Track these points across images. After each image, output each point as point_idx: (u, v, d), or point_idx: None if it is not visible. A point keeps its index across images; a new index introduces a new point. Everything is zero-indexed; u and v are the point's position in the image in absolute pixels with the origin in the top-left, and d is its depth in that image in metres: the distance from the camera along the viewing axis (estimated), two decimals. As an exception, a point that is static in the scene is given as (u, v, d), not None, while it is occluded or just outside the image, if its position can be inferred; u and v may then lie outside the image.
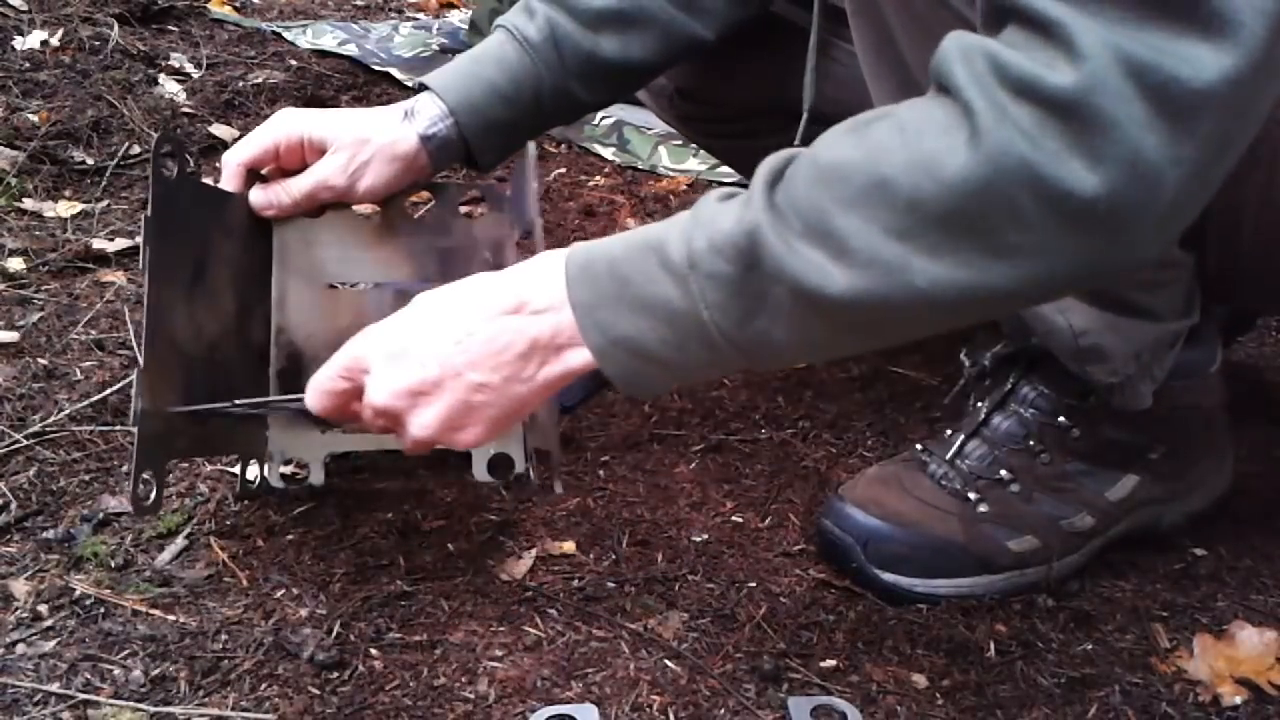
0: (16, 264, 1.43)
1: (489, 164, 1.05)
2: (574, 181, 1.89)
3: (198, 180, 0.95)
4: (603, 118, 2.01)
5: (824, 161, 0.66)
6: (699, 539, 1.00)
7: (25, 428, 1.10)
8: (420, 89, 1.03)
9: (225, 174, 1.00)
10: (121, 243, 1.50)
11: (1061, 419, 0.95)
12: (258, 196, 1.00)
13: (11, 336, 1.26)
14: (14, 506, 0.99)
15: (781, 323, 0.67)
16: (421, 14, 2.93)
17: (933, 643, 0.88)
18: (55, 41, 2.13)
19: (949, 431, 0.99)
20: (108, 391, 1.16)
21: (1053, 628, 0.91)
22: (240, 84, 2.14)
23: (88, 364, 1.22)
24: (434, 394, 0.77)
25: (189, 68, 2.21)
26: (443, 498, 1.04)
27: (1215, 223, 0.64)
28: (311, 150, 0.99)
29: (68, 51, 2.12)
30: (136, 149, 1.79)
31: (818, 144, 0.68)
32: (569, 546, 0.98)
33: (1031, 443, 0.95)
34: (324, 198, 1.00)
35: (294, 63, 2.30)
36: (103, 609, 0.88)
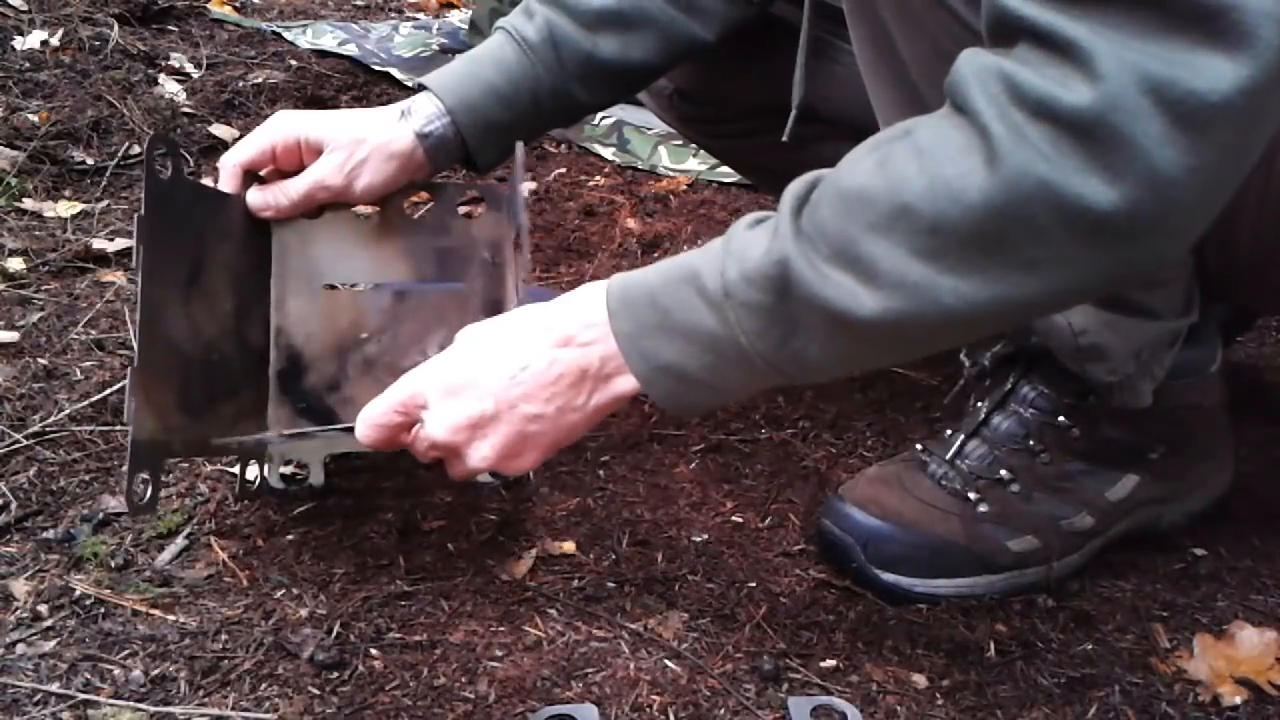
0: (16, 264, 1.43)
1: (487, 164, 1.05)
2: (574, 181, 1.89)
3: (194, 181, 0.95)
4: (603, 118, 2.01)
5: (847, 187, 0.68)
6: (699, 539, 1.00)
7: (25, 428, 1.10)
8: (420, 89, 1.03)
9: (222, 175, 1.00)
10: (121, 243, 1.50)
11: (1061, 418, 0.95)
12: (255, 197, 1.00)
13: (11, 336, 1.26)
14: (14, 506, 0.99)
15: (816, 343, 0.70)
16: (421, 14, 2.93)
17: (933, 643, 0.88)
18: (55, 41, 2.13)
19: (949, 431, 0.99)
20: (108, 391, 1.16)
21: (1053, 628, 0.91)
22: (240, 84, 2.13)
23: (88, 364, 1.22)
24: (491, 427, 0.80)
25: (189, 68, 2.21)
26: (443, 498, 1.04)
27: (1214, 224, 0.65)
28: (308, 151, 0.99)
29: (68, 51, 2.12)
30: (136, 149, 1.79)
31: (840, 168, 0.70)
32: (569, 546, 0.98)
33: (1031, 442, 0.95)
34: (321, 198, 1.00)
35: (294, 63, 2.30)
36: (103, 609, 0.88)
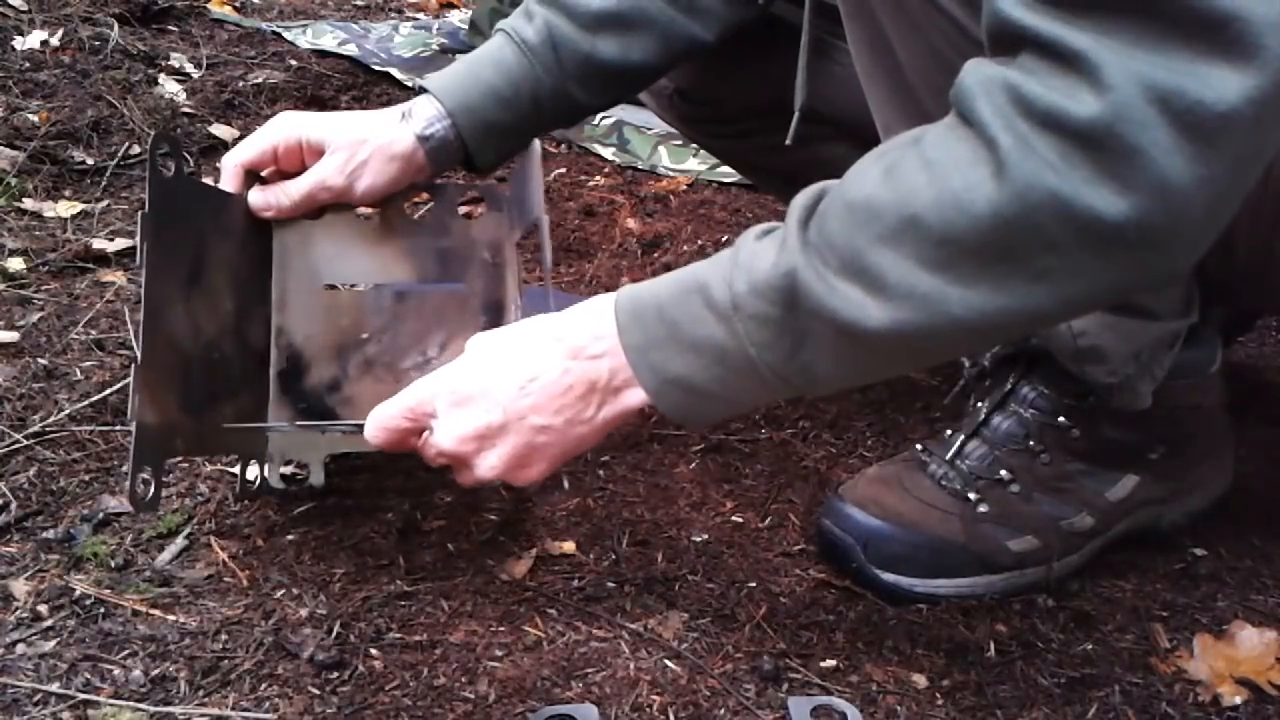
0: (16, 264, 1.43)
1: (488, 166, 1.05)
2: (574, 181, 1.89)
3: (196, 180, 0.95)
4: (603, 118, 2.01)
5: (854, 198, 0.67)
6: (699, 539, 1.00)
7: (25, 428, 1.10)
8: (420, 91, 1.03)
9: (224, 175, 1.00)
10: (121, 243, 1.50)
11: (1061, 419, 0.95)
12: (257, 198, 1.01)
13: (11, 336, 1.26)
14: (14, 506, 0.99)
15: (826, 355, 0.70)
16: (421, 14, 2.93)
17: (933, 643, 0.88)
18: (55, 41, 2.13)
19: (949, 431, 0.99)
20: (108, 391, 1.16)
21: (1053, 628, 0.91)
22: (240, 84, 2.14)
23: (88, 364, 1.22)
24: (499, 438, 0.80)
25: (189, 68, 2.21)
26: (442, 498, 1.04)
27: None
28: (310, 152, 0.99)
29: (68, 51, 2.12)
30: (136, 149, 1.79)
31: (846, 179, 0.69)
32: (569, 546, 0.98)
33: (1031, 443, 0.95)
34: (323, 198, 1.00)
35: (294, 63, 2.30)
36: (103, 609, 0.88)
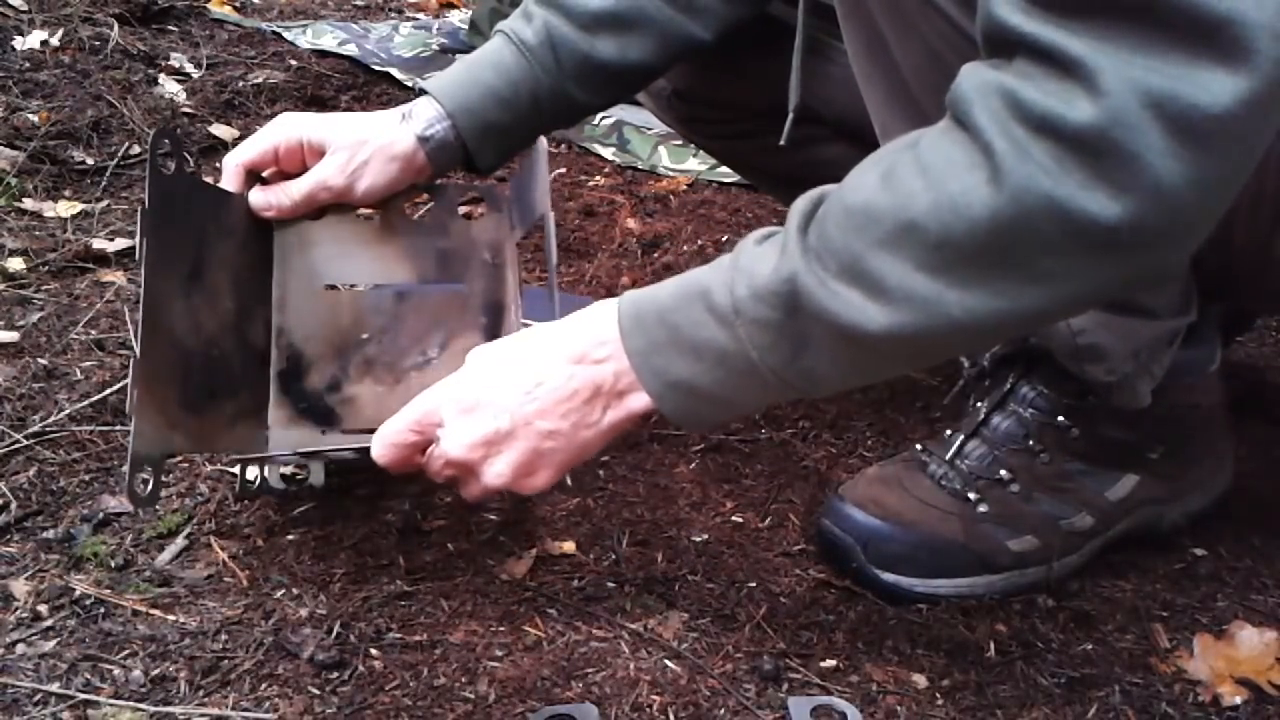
0: (16, 264, 1.43)
1: (488, 167, 1.05)
2: (574, 181, 1.89)
3: (197, 177, 0.95)
4: (603, 118, 2.01)
5: (852, 203, 0.68)
6: (699, 539, 1.00)
7: (25, 428, 1.10)
8: (419, 92, 1.03)
9: (225, 176, 1.00)
10: (121, 243, 1.50)
11: (1061, 419, 0.95)
12: (257, 198, 1.01)
13: (11, 336, 1.26)
14: (14, 506, 0.99)
15: (827, 357, 0.71)
16: (421, 14, 2.94)
17: (933, 643, 0.88)
18: (55, 41, 2.13)
19: (949, 431, 0.99)
20: (108, 391, 1.16)
21: (1053, 628, 0.91)
22: (240, 84, 2.14)
23: (88, 364, 1.22)
24: (506, 444, 0.80)
25: (189, 68, 2.21)
26: (442, 498, 1.04)
27: None
28: (311, 153, 0.99)
29: (68, 51, 2.12)
30: (136, 149, 1.79)
31: (845, 184, 0.70)
32: (569, 546, 0.98)
33: (1031, 442, 0.95)
34: (323, 198, 1.00)
35: (294, 63, 2.30)
36: (103, 609, 0.88)
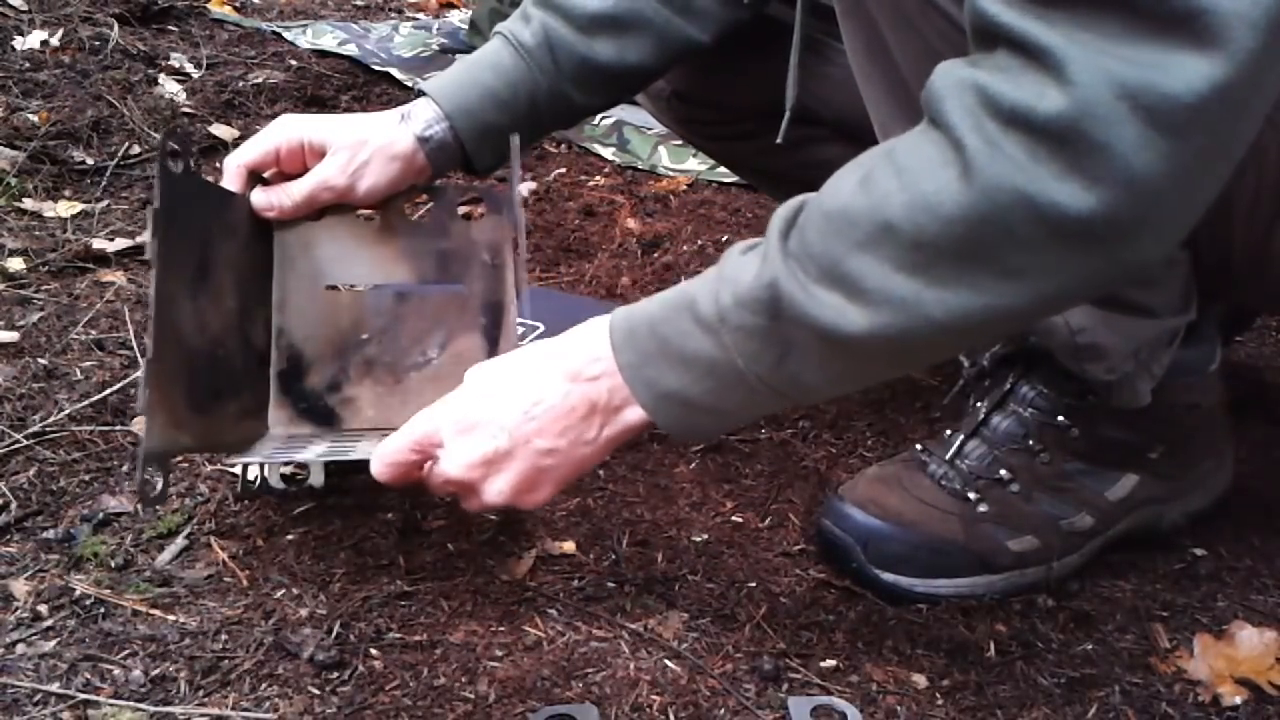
0: (16, 264, 1.43)
1: (486, 168, 1.06)
2: (574, 181, 1.89)
3: (202, 178, 0.95)
4: (603, 118, 2.01)
5: (830, 208, 0.69)
6: (699, 539, 1.00)
7: (25, 428, 1.10)
8: (419, 93, 1.03)
9: (227, 177, 1.00)
10: (121, 243, 1.50)
11: (1061, 418, 0.95)
12: (259, 198, 1.01)
13: (11, 336, 1.26)
14: (14, 506, 0.99)
15: (812, 362, 0.71)
16: (421, 14, 2.94)
17: (933, 643, 0.88)
18: (55, 41, 2.13)
19: (949, 431, 0.99)
20: (108, 391, 1.16)
21: (1053, 628, 0.91)
22: (240, 84, 2.14)
23: (88, 364, 1.22)
24: (506, 463, 0.81)
25: (189, 68, 2.21)
26: (443, 498, 1.04)
27: (1207, 224, 0.65)
28: (312, 154, 0.99)
29: (68, 51, 2.12)
30: (136, 149, 1.79)
31: (824, 190, 0.71)
32: (569, 546, 0.98)
33: (1031, 442, 0.95)
34: (324, 199, 1.00)
35: (294, 63, 2.30)
36: (103, 609, 0.88)
